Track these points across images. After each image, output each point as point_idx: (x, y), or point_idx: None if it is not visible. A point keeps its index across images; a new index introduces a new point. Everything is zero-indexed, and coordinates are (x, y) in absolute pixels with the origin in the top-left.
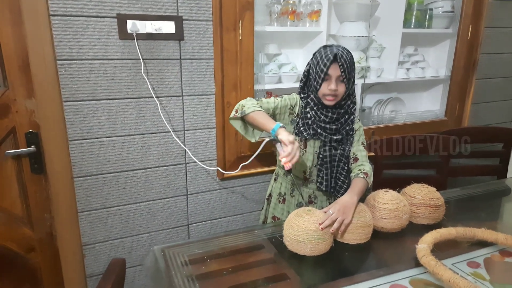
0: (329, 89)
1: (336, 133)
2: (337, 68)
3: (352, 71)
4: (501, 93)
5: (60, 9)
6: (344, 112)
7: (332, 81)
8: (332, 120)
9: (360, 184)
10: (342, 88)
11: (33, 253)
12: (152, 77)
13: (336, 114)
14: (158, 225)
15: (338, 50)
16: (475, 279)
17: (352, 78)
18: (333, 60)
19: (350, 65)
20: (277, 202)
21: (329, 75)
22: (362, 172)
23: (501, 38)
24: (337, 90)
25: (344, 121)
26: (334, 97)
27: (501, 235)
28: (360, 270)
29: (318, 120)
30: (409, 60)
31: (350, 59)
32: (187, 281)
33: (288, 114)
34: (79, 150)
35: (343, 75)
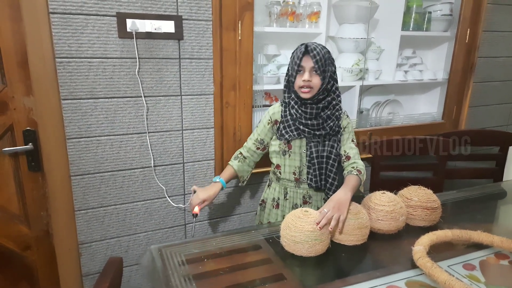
0: (303, 80)
1: (319, 129)
2: (309, 60)
3: (327, 65)
4: (498, 97)
5: (60, 7)
6: (324, 107)
7: (306, 72)
8: (312, 115)
9: (353, 181)
10: (317, 80)
11: (29, 251)
12: (151, 76)
13: (315, 109)
14: (155, 224)
15: (311, 43)
16: (470, 281)
17: (328, 72)
18: (305, 52)
19: (324, 58)
20: (271, 207)
21: (302, 66)
22: (355, 170)
23: (499, 41)
24: (311, 81)
25: (327, 117)
26: (309, 89)
27: (496, 238)
28: (357, 271)
29: (299, 118)
30: (407, 62)
31: (325, 53)
32: (184, 281)
33: (271, 128)
34: (76, 148)
35: (315, 66)
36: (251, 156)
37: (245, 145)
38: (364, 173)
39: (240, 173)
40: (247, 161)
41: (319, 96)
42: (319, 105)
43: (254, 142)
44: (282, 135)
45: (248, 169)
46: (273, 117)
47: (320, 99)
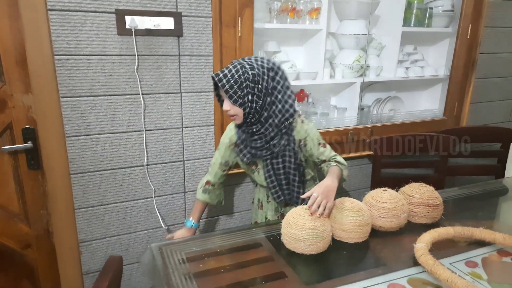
0: (224, 110)
1: (268, 147)
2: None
3: (243, 88)
4: (500, 93)
5: (58, 4)
6: (263, 126)
7: (224, 102)
8: (257, 134)
9: (335, 170)
10: (235, 108)
11: (30, 249)
12: (150, 73)
13: (256, 129)
14: (155, 222)
15: (220, 72)
16: (473, 278)
17: (247, 95)
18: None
19: (235, 83)
20: (257, 207)
21: (220, 96)
22: (333, 161)
23: (501, 37)
24: (231, 110)
25: (274, 134)
26: (233, 116)
27: (498, 235)
28: (358, 269)
29: (248, 140)
30: (408, 59)
31: (238, 76)
32: (185, 279)
33: (232, 150)
34: (76, 146)
35: (227, 95)
36: (219, 180)
37: (210, 171)
38: (343, 162)
39: (213, 201)
40: (216, 187)
41: (250, 119)
42: (254, 128)
43: (219, 166)
44: (242, 158)
45: (220, 192)
46: (232, 139)
47: (253, 121)
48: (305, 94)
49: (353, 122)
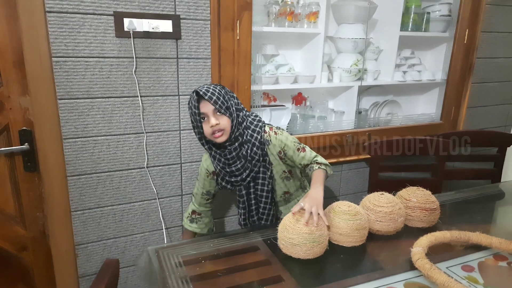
0: (211, 126)
1: (244, 170)
2: (207, 104)
3: (228, 100)
4: (496, 98)
5: (56, 6)
6: (241, 142)
7: (210, 117)
8: (234, 159)
9: (319, 175)
10: (225, 120)
11: (25, 252)
12: (148, 76)
13: (234, 151)
14: (152, 225)
15: (201, 88)
16: (469, 283)
17: (232, 107)
18: (199, 98)
19: (220, 95)
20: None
21: (203, 113)
22: (315, 164)
23: (497, 42)
24: (220, 124)
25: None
26: (221, 132)
27: (495, 239)
28: (355, 273)
29: (224, 167)
30: (405, 63)
31: (219, 90)
32: (181, 282)
33: (212, 179)
34: (73, 148)
35: (217, 106)
36: (205, 208)
37: (194, 201)
38: (324, 162)
39: (203, 230)
40: (204, 215)
41: (234, 133)
42: (236, 144)
43: (201, 196)
44: (224, 187)
45: (209, 220)
46: (209, 169)
47: (236, 136)
48: (303, 97)
49: (350, 126)
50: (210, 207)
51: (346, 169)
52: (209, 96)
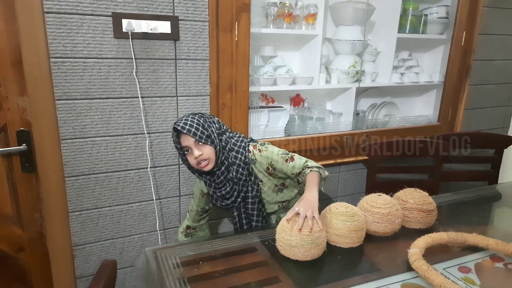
0: (195, 158)
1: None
2: (188, 137)
3: (206, 128)
4: (493, 99)
5: (55, 7)
6: (227, 165)
7: (193, 149)
8: (222, 183)
9: (312, 177)
10: (207, 149)
11: (23, 253)
12: (146, 77)
13: (221, 175)
14: (150, 226)
15: (180, 122)
16: (466, 284)
17: (212, 134)
18: (177, 133)
19: (199, 125)
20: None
21: (186, 146)
22: (307, 169)
23: (494, 44)
24: (203, 154)
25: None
26: (206, 160)
27: (491, 241)
28: (353, 274)
29: (215, 194)
30: (403, 65)
31: (197, 120)
32: (179, 283)
33: (207, 198)
34: (71, 149)
35: (196, 138)
36: (199, 223)
37: (188, 217)
38: (316, 165)
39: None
40: (198, 229)
41: (220, 159)
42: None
43: (196, 213)
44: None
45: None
46: (203, 190)
47: (222, 160)
48: (301, 98)
49: (348, 127)
50: (204, 221)
51: (343, 170)
52: (187, 129)
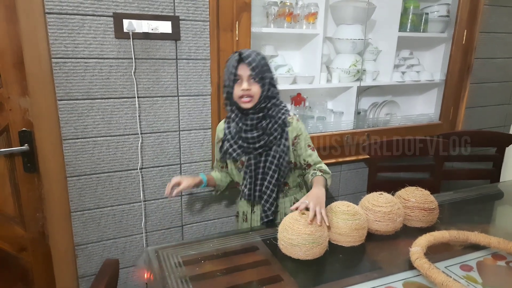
0: (242, 89)
1: (259, 140)
2: (245, 68)
3: (265, 71)
4: (495, 98)
5: (56, 7)
6: (264, 115)
7: (244, 81)
8: (252, 127)
9: (321, 181)
10: (256, 88)
11: (25, 252)
12: (148, 77)
13: (256, 119)
14: (152, 225)
15: (245, 50)
16: (467, 282)
17: (267, 79)
18: (240, 60)
19: (260, 65)
20: (242, 221)
21: (239, 75)
22: (318, 170)
23: (496, 43)
24: (250, 90)
25: (267, 127)
26: (249, 98)
27: (493, 239)
28: (354, 273)
29: (239, 131)
30: (404, 63)
31: (261, 60)
32: (181, 282)
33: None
34: (72, 149)
35: (253, 73)
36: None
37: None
38: (328, 171)
39: (218, 181)
40: (224, 174)
41: (260, 104)
42: (260, 115)
43: (217, 163)
44: (229, 154)
45: (226, 180)
46: (220, 135)
47: (262, 107)
48: (302, 98)
49: (349, 126)
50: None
51: (345, 169)
52: (249, 61)
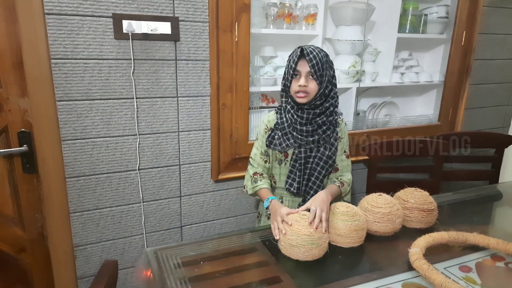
0: (299, 85)
1: (312, 135)
2: (305, 64)
3: (325, 69)
4: (493, 99)
5: (55, 8)
6: (320, 112)
7: (302, 77)
8: (308, 120)
9: (333, 188)
10: (313, 85)
11: (24, 253)
12: (147, 77)
13: (312, 114)
14: (151, 226)
15: (308, 47)
16: (466, 283)
17: (325, 77)
18: (301, 55)
19: (321, 62)
20: (265, 219)
21: (298, 71)
22: (338, 181)
23: (494, 44)
24: (307, 87)
25: (322, 123)
26: (305, 94)
27: (492, 240)
28: (354, 274)
29: (294, 123)
30: (403, 64)
31: (322, 57)
32: (180, 284)
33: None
34: (72, 150)
35: (312, 70)
36: (264, 170)
37: (253, 164)
38: (347, 186)
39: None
40: (265, 174)
41: (316, 101)
42: (316, 111)
43: (261, 156)
44: (279, 144)
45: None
46: (269, 125)
47: (317, 104)
48: None
49: (349, 127)
50: (267, 170)
51: None
52: (310, 58)
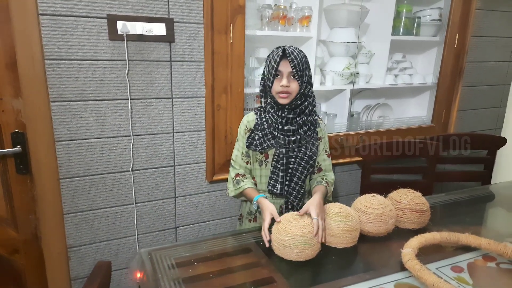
0: (281, 85)
1: (293, 135)
2: (287, 64)
3: (305, 70)
4: (486, 101)
5: (50, 9)
6: (300, 112)
7: (284, 77)
8: (288, 120)
9: (323, 190)
10: (295, 85)
11: (17, 255)
12: (142, 78)
13: (292, 114)
14: (145, 227)
15: (289, 47)
16: (458, 283)
17: (305, 77)
18: (283, 56)
19: (301, 63)
20: (247, 222)
21: (280, 71)
22: (324, 181)
23: (487, 46)
24: (289, 87)
25: (302, 122)
26: (287, 94)
27: (484, 240)
28: (347, 274)
29: (275, 123)
30: (397, 66)
31: (302, 57)
32: (174, 285)
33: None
34: (66, 151)
35: (294, 70)
36: (246, 171)
37: (234, 166)
38: (332, 185)
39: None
40: (247, 175)
41: (296, 101)
42: (296, 110)
43: (242, 157)
44: (260, 145)
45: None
46: (248, 126)
47: (297, 104)
48: None
49: (343, 129)
50: (249, 171)
51: (338, 171)
52: (292, 58)
